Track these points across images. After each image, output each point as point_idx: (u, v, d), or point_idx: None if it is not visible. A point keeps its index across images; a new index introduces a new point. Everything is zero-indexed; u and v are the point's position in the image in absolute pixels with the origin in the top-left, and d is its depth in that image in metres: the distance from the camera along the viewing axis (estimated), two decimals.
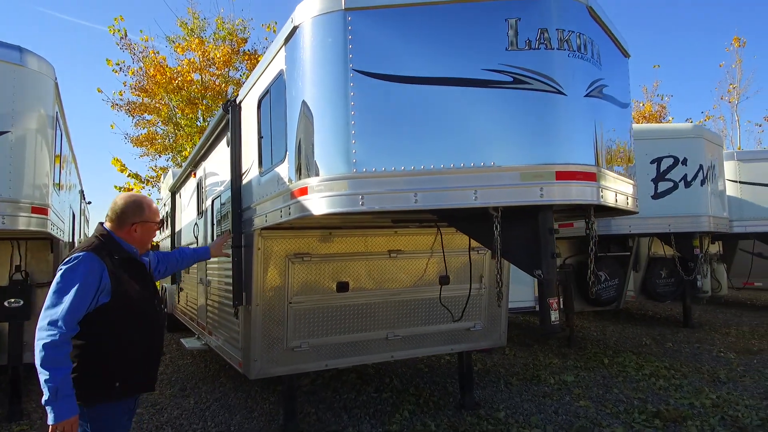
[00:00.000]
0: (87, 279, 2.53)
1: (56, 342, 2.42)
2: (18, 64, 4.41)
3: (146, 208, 2.89)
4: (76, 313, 2.49)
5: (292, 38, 3.60)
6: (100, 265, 2.59)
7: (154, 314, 2.86)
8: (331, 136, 3.29)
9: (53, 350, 2.42)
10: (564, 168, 3.09)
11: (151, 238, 2.94)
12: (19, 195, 4.40)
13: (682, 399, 5.91)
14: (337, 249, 4.87)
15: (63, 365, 2.43)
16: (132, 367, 2.71)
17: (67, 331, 2.45)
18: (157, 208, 3.00)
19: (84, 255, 2.60)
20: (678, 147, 8.02)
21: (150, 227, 2.90)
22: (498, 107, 3.12)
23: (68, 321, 2.46)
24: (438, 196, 3.11)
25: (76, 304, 2.49)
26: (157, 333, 2.88)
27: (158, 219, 2.98)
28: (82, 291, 2.51)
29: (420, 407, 5.71)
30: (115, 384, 2.62)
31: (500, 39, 3.13)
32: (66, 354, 2.46)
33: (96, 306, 2.57)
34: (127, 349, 2.67)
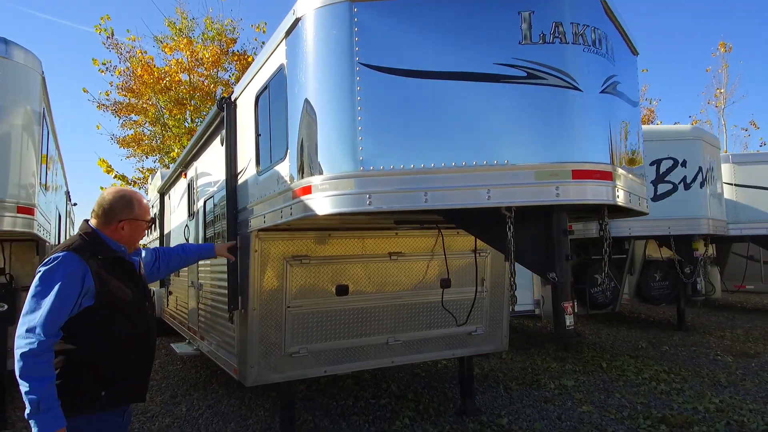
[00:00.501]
0: (67, 281, 2.34)
1: (35, 351, 2.23)
2: (3, 56, 4.20)
3: (136, 205, 2.67)
4: (57, 319, 2.30)
5: (294, 31, 3.45)
6: (82, 266, 2.40)
7: (144, 318, 2.65)
8: (337, 133, 3.15)
9: (33, 359, 2.23)
10: (580, 166, 2.97)
11: (140, 237, 2.75)
12: (3, 194, 4.19)
13: (686, 403, 5.83)
14: (337, 251, 4.72)
15: (44, 375, 2.25)
16: (119, 375, 2.51)
17: (47, 338, 2.26)
18: (147, 205, 2.79)
19: (64, 255, 2.40)
20: (677, 149, 7.97)
21: (139, 225, 2.69)
22: (511, 103, 2.99)
23: (48, 327, 2.27)
24: (449, 196, 2.98)
25: (56, 309, 2.30)
26: (147, 339, 2.67)
27: (148, 217, 2.77)
28: (63, 295, 2.32)
29: (420, 414, 5.56)
30: (100, 393, 2.42)
31: (513, 32, 3.00)
32: (48, 363, 2.27)
33: (79, 310, 2.38)
34: (114, 356, 2.48)
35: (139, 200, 2.70)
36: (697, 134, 8.33)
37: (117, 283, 2.51)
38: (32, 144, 4.50)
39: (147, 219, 2.73)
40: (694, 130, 8.50)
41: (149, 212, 2.80)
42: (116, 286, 2.51)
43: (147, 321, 2.67)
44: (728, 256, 11.28)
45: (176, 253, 3.44)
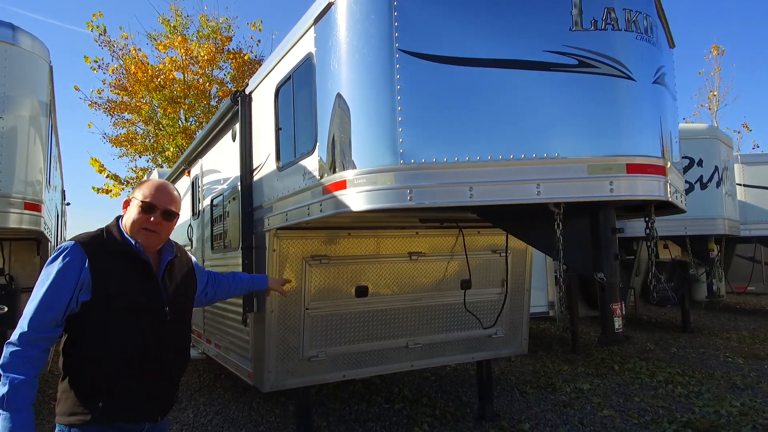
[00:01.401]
0: (63, 272, 2.15)
1: (14, 342, 2.07)
2: (10, 42, 3.95)
3: (145, 186, 2.40)
4: (47, 312, 2.11)
5: (325, 16, 3.26)
6: (81, 258, 2.18)
7: (160, 325, 2.33)
8: (374, 124, 2.96)
9: (11, 351, 2.07)
10: (634, 160, 2.81)
11: (132, 218, 2.34)
12: (9, 189, 3.95)
13: (707, 407, 5.71)
14: (356, 251, 4.53)
15: (18, 371, 2.04)
16: (122, 387, 2.22)
17: (31, 331, 2.08)
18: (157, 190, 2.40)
19: (67, 245, 2.22)
20: (693, 148, 7.86)
21: (132, 205, 2.37)
22: (561, 92, 2.82)
23: (33, 320, 2.09)
24: (496, 191, 2.80)
25: (47, 300, 2.12)
26: (162, 349, 2.34)
27: (144, 196, 2.36)
28: (55, 286, 2.13)
29: (437, 419, 5.39)
30: (97, 403, 2.17)
31: (563, 18, 2.83)
32: (24, 359, 2.06)
33: (78, 305, 2.17)
34: (113, 362, 2.20)
35: (151, 182, 2.44)
36: (713, 133, 8.24)
37: (121, 280, 2.25)
38: (39, 137, 4.26)
39: (142, 198, 2.36)
40: (710, 129, 8.42)
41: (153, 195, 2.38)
42: (119, 282, 2.24)
43: (165, 330, 2.35)
44: (732, 257, 11.22)
45: (226, 282, 3.07)
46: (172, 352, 2.40)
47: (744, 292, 12.27)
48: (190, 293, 2.64)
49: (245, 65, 17.41)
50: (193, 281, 2.67)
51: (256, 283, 3.41)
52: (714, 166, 7.99)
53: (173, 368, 2.43)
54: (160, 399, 2.39)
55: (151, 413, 2.35)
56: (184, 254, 2.67)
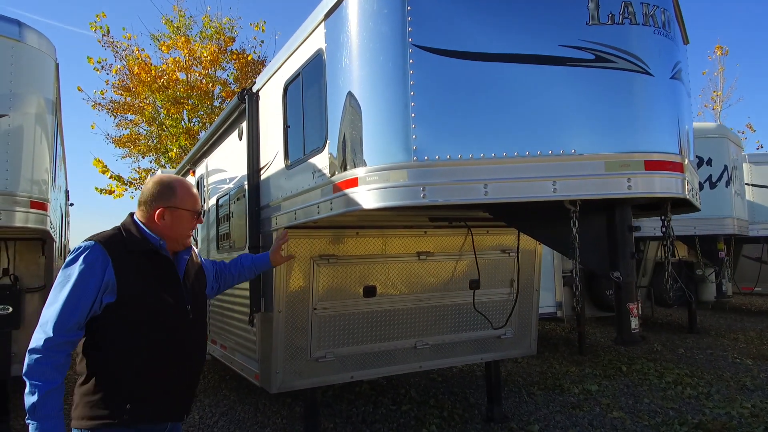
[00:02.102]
0: (86, 273, 2.08)
1: (39, 348, 2.00)
2: (16, 39, 3.90)
3: (178, 191, 2.34)
4: (71, 315, 2.04)
5: (336, 11, 3.21)
6: (104, 258, 2.12)
7: (184, 325, 2.31)
8: (387, 120, 2.91)
9: (36, 358, 2.00)
10: (652, 157, 2.76)
11: (184, 229, 2.37)
12: (15, 187, 3.90)
13: (717, 408, 5.64)
14: (364, 250, 4.48)
15: (46, 378, 1.99)
16: (149, 388, 2.19)
17: (55, 336, 2.01)
18: (194, 193, 2.43)
19: (86, 245, 2.15)
20: (702, 147, 7.79)
21: (180, 215, 2.34)
22: (578, 87, 2.77)
23: (58, 324, 2.02)
24: (511, 188, 2.75)
25: (71, 303, 2.04)
26: (186, 349, 2.33)
27: (195, 206, 2.40)
28: (79, 288, 2.06)
29: (446, 421, 5.33)
30: (124, 406, 2.12)
31: (580, 12, 2.78)
32: (53, 365, 2.01)
33: (101, 307, 2.11)
34: (140, 364, 2.16)
35: (183, 186, 2.38)
36: (722, 132, 8.18)
37: (146, 281, 2.21)
38: (45, 135, 4.21)
39: (191, 207, 2.37)
40: (719, 128, 8.36)
41: (196, 201, 2.42)
42: (144, 283, 2.20)
43: (188, 329, 2.34)
44: (739, 257, 11.16)
45: (229, 271, 2.99)
46: (195, 350, 2.39)
47: (751, 293, 12.18)
48: (204, 290, 2.62)
49: (248, 66, 17.37)
50: (203, 277, 2.64)
51: (259, 265, 3.22)
52: (723, 165, 7.93)
53: (195, 366, 2.41)
54: (185, 397, 2.38)
55: (177, 412, 2.34)
56: (193, 251, 2.64)
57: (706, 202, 7.87)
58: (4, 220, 3.86)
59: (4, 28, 3.91)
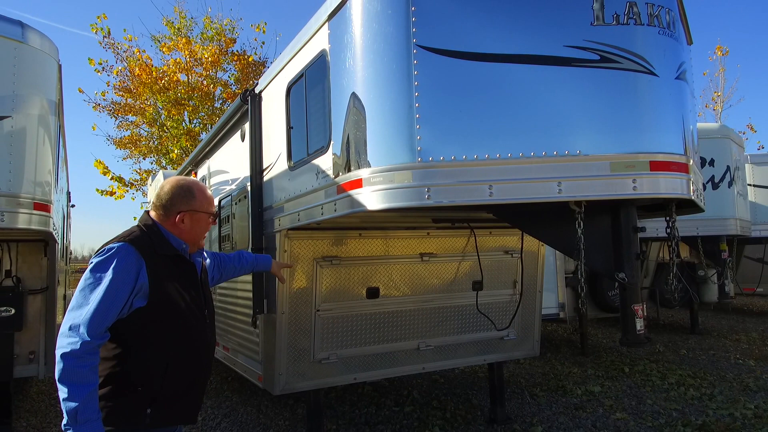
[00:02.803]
0: (120, 276, 2.05)
1: (77, 352, 1.95)
2: (19, 40, 3.90)
3: (197, 195, 2.36)
4: (105, 318, 2.02)
5: (340, 12, 3.21)
6: (138, 261, 2.11)
7: (202, 329, 2.33)
8: (391, 121, 2.90)
9: (73, 362, 1.95)
10: (657, 157, 2.75)
11: (202, 232, 2.42)
12: (18, 189, 3.89)
13: (720, 409, 5.63)
14: (367, 251, 4.47)
15: (85, 381, 1.96)
16: (169, 392, 2.18)
17: (92, 339, 1.98)
18: (210, 195, 2.47)
19: (120, 246, 2.11)
20: (705, 147, 7.77)
21: (201, 218, 2.37)
22: (583, 88, 2.77)
23: (93, 326, 1.99)
24: (516, 189, 2.74)
25: (105, 306, 2.01)
26: (204, 352, 2.35)
27: (212, 209, 2.46)
28: (113, 290, 2.03)
29: (448, 422, 5.32)
30: (145, 410, 2.12)
31: (584, 12, 2.78)
32: (90, 367, 1.99)
33: (130, 311, 2.09)
34: (164, 369, 2.16)
35: (200, 189, 2.40)
36: (724, 133, 8.18)
37: (174, 285, 2.21)
38: (48, 137, 4.20)
39: (210, 210, 2.42)
40: (722, 129, 8.35)
41: (212, 203, 2.49)
42: (174, 288, 2.21)
43: (205, 332, 2.36)
44: (741, 258, 11.14)
45: (231, 263, 3.08)
46: (209, 353, 2.42)
47: (753, 294, 12.16)
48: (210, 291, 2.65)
49: (249, 67, 17.39)
50: (206, 276, 2.64)
51: (260, 264, 3.36)
52: (726, 165, 7.92)
53: (208, 368, 2.43)
54: (198, 399, 2.41)
55: (192, 414, 2.37)
56: None
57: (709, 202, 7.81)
58: (8, 222, 3.85)
59: (7, 29, 3.91)
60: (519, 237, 4.88)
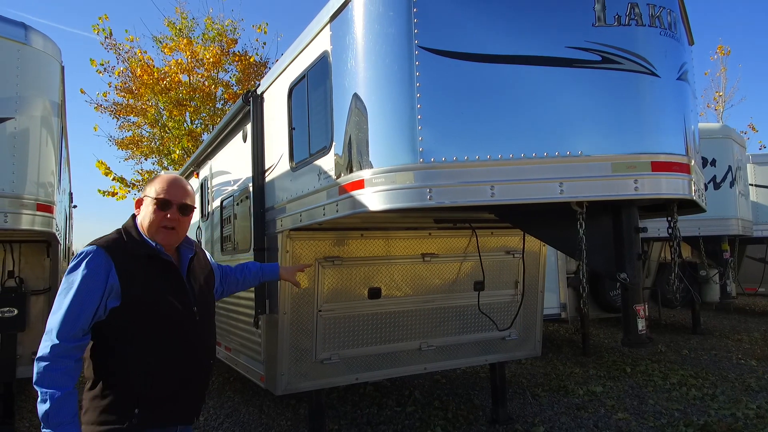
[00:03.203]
0: (89, 279, 2.07)
1: (47, 356, 2.00)
2: (22, 42, 3.91)
3: (155, 181, 2.32)
4: (76, 322, 2.04)
5: (342, 13, 3.22)
6: (107, 262, 2.11)
7: (189, 327, 2.29)
8: (393, 122, 2.91)
9: (45, 366, 2.00)
10: (659, 158, 2.76)
11: (152, 219, 2.26)
12: (22, 190, 3.90)
13: (722, 410, 5.63)
14: (369, 252, 4.48)
15: (56, 385, 1.99)
16: (157, 391, 2.17)
17: (61, 342, 2.00)
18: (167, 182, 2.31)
19: (88, 250, 2.13)
20: (707, 147, 7.77)
21: (146, 203, 2.29)
22: (585, 89, 2.77)
23: (64, 331, 2.02)
24: (518, 190, 2.75)
25: (74, 309, 2.04)
26: (193, 350, 2.31)
27: (156, 192, 2.28)
28: (82, 294, 2.06)
29: (450, 422, 5.32)
30: (133, 410, 2.11)
31: (586, 13, 2.78)
32: (63, 371, 2.01)
33: (107, 312, 2.11)
34: (147, 367, 2.15)
35: (164, 177, 2.33)
36: (726, 133, 8.17)
37: (149, 284, 2.19)
38: (51, 138, 4.21)
39: (155, 195, 2.28)
40: (723, 129, 8.34)
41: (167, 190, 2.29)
42: (147, 286, 2.18)
43: (195, 331, 2.31)
44: (743, 258, 11.13)
45: (234, 276, 2.95)
46: (203, 352, 2.36)
47: (755, 294, 12.15)
48: (211, 289, 2.60)
49: (251, 67, 17.39)
50: (212, 277, 2.63)
51: (266, 274, 3.15)
52: (727, 165, 7.92)
53: (206, 368, 2.39)
54: (194, 400, 2.36)
55: (187, 415, 2.33)
56: (200, 250, 2.63)
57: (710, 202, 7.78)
58: (11, 223, 3.86)
59: (10, 31, 3.92)
60: (521, 237, 4.88)
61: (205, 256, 2.66)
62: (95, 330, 2.13)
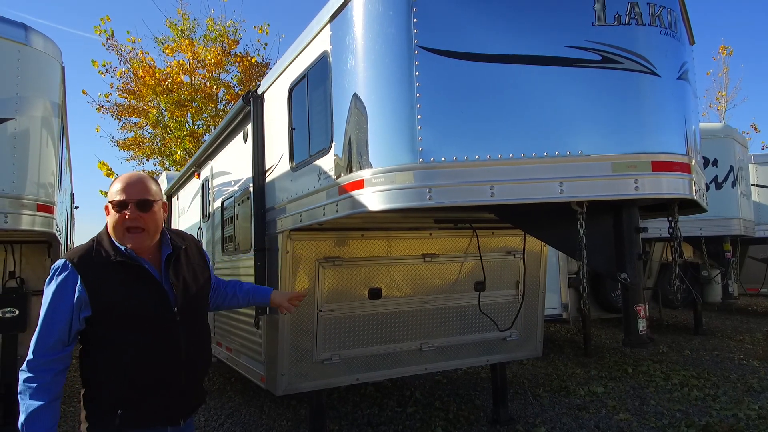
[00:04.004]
0: (57, 294, 2.11)
1: (24, 370, 2.07)
2: (23, 42, 3.91)
3: (112, 185, 2.24)
4: (49, 336, 2.08)
5: (341, 14, 3.22)
6: (73, 276, 2.11)
7: (168, 327, 2.23)
8: (393, 122, 2.91)
9: (23, 379, 2.06)
10: (659, 157, 2.75)
11: (116, 224, 2.19)
12: (22, 190, 3.91)
13: (724, 410, 5.61)
14: (369, 252, 4.47)
15: (32, 397, 2.03)
16: (138, 393, 2.17)
17: (36, 357, 2.06)
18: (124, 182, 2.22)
19: (57, 265, 2.16)
20: (708, 147, 7.74)
21: (108, 209, 2.22)
22: (584, 88, 2.77)
23: (38, 345, 2.08)
24: (517, 189, 2.74)
25: (47, 325, 2.09)
26: (176, 350, 2.25)
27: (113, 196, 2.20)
28: (51, 310, 2.10)
29: (451, 423, 5.32)
30: (115, 411, 2.12)
31: (586, 13, 2.78)
32: (37, 386, 2.04)
33: (81, 321, 2.13)
34: (126, 370, 2.15)
35: (120, 178, 2.25)
36: (728, 133, 8.16)
37: (120, 290, 2.16)
38: (51, 139, 4.22)
39: (110, 198, 2.21)
40: (725, 129, 8.33)
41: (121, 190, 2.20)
42: (116, 292, 2.15)
43: (174, 331, 2.25)
44: (745, 258, 11.11)
45: (223, 288, 2.77)
46: (188, 353, 2.29)
47: (757, 294, 12.12)
48: (203, 285, 2.49)
49: (252, 68, 17.42)
50: (206, 271, 2.53)
51: (258, 296, 2.89)
52: (729, 165, 7.90)
53: (191, 368, 2.32)
54: (180, 401, 2.30)
55: (173, 417, 2.29)
56: (192, 244, 2.53)
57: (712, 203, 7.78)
58: (11, 223, 3.87)
59: (10, 31, 3.93)
60: (521, 237, 4.88)
61: (199, 249, 2.57)
62: (80, 337, 2.19)
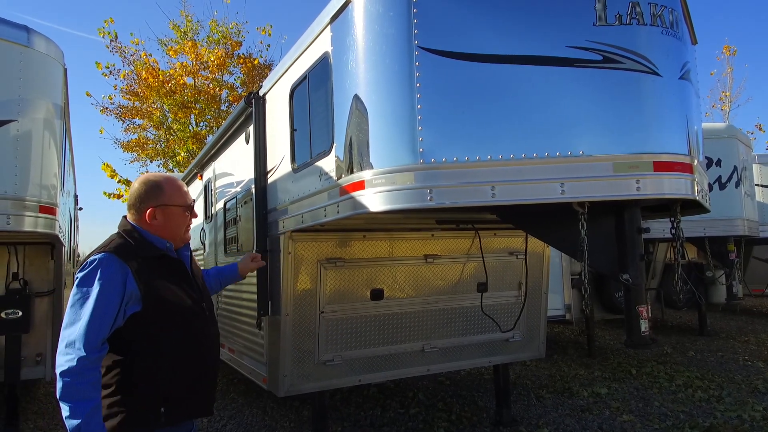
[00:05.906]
0: (107, 287, 2.03)
1: (74, 369, 1.94)
2: (25, 45, 3.93)
3: (165, 188, 2.29)
4: (99, 331, 2.00)
5: (342, 14, 3.22)
6: (122, 269, 2.08)
7: (203, 322, 2.32)
8: (393, 123, 2.91)
9: (72, 379, 1.94)
10: (661, 158, 2.74)
11: (178, 226, 2.33)
12: (24, 192, 3.92)
13: (728, 411, 5.58)
14: (371, 253, 4.47)
15: (86, 398, 1.95)
16: (180, 388, 2.19)
17: (89, 354, 1.96)
18: (182, 187, 2.37)
19: (100, 257, 2.09)
20: (712, 147, 7.71)
21: (173, 212, 2.29)
22: (586, 88, 2.76)
23: (89, 341, 1.97)
24: (519, 190, 2.74)
25: (97, 319, 2.00)
26: (208, 345, 2.34)
27: (185, 201, 2.34)
28: (102, 303, 2.01)
29: (454, 424, 5.31)
30: (159, 409, 2.12)
31: (587, 13, 2.77)
32: (91, 383, 1.98)
33: (126, 318, 2.09)
34: (172, 367, 2.16)
35: (170, 182, 2.33)
36: (731, 133, 8.13)
37: (166, 284, 2.20)
38: (53, 140, 4.23)
39: (181, 203, 2.32)
40: (728, 129, 8.30)
41: (185, 195, 2.37)
42: (165, 287, 2.19)
43: (207, 325, 2.35)
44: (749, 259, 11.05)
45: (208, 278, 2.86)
46: (214, 345, 2.41)
47: (761, 295, 12.06)
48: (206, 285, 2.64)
49: (255, 70, 17.42)
50: (198, 269, 2.62)
51: (226, 275, 3.01)
52: (733, 166, 7.87)
53: (216, 360, 2.42)
54: (212, 392, 2.40)
55: (208, 407, 2.37)
56: None
57: (716, 203, 7.80)
58: (14, 225, 3.88)
59: (12, 33, 3.94)
60: (524, 238, 4.87)
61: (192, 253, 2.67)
62: (113, 337, 2.09)
